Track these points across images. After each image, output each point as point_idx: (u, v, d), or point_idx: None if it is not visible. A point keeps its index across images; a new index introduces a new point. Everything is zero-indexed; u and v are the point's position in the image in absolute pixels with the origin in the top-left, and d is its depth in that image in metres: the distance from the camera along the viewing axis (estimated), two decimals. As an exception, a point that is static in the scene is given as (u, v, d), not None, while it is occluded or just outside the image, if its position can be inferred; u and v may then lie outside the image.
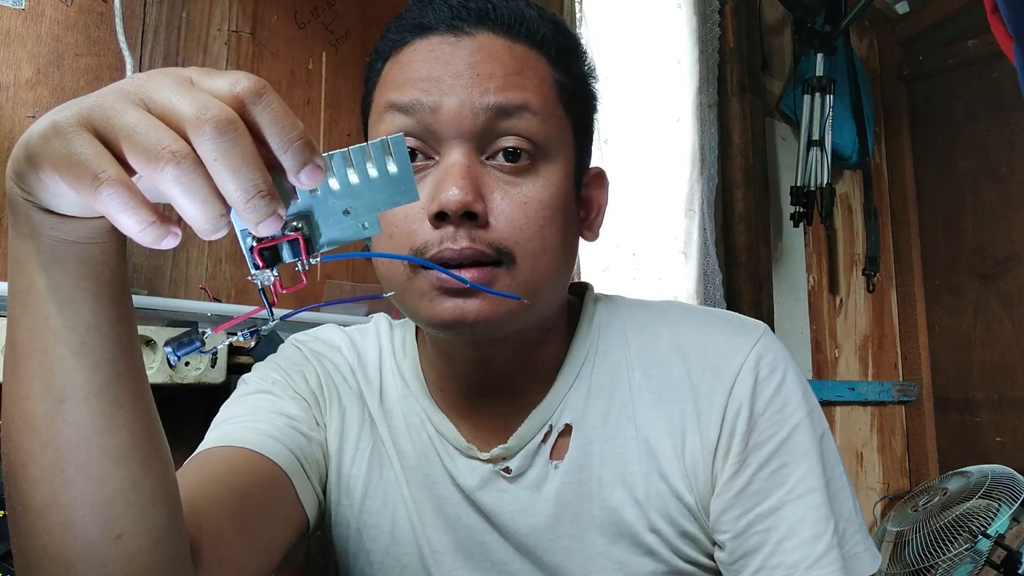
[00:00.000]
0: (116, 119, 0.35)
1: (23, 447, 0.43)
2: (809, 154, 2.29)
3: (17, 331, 0.43)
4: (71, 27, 1.14)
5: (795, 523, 0.62)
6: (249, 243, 0.40)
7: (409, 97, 0.61)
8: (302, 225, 0.40)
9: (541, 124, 0.62)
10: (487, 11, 0.62)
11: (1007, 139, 2.68)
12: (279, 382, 0.72)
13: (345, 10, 1.47)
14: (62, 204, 0.39)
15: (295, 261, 0.40)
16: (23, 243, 0.42)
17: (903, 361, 2.86)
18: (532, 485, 0.68)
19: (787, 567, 0.62)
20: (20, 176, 0.39)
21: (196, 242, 1.24)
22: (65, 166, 0.35)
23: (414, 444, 0.71)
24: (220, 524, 0.55)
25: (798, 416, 0.65)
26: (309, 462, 0.67)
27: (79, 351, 0.42)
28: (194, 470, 0.60)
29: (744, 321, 0.71)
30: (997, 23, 1.24)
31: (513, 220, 0.60)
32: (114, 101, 0.36)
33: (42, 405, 0.42)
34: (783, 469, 0.64)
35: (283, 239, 0.39)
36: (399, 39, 0.65)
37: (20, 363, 0.43)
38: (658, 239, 1.95)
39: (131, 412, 0.44)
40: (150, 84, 0.37)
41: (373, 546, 0.70)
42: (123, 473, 0.44)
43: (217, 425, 0.67)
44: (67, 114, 0.36)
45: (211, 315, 1.18)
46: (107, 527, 0.43)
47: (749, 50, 2.21)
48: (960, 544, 2.03)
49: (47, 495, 0.43)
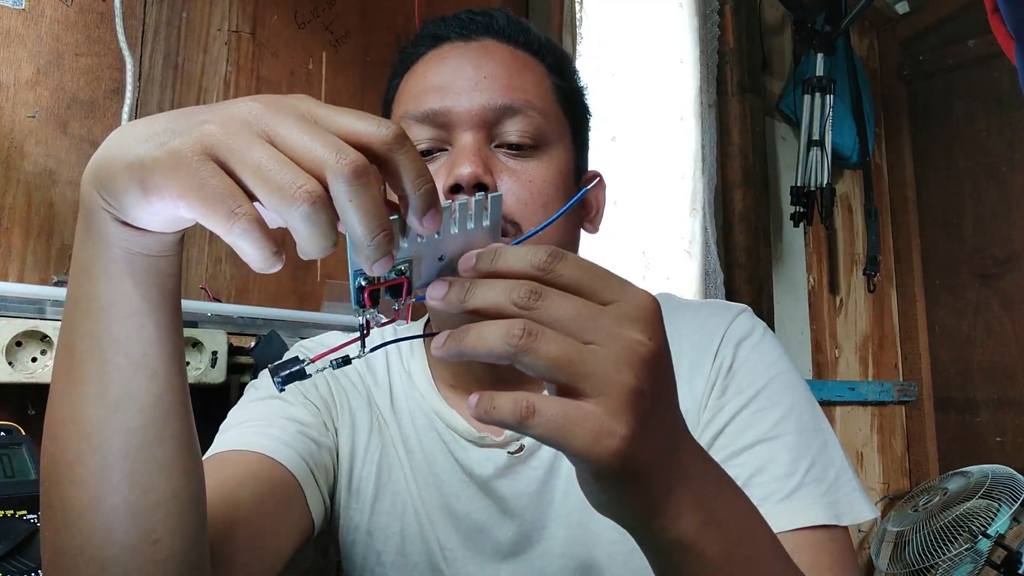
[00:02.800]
0: (244, 154, 0.36)
1: (71, 448, 0.43)
2: (809, 154, 2.29)
3: (76, 336, 0.43)
4: (71, 27, 1.14)
5: (767, 460, 0.64)
6: (359, 283, 0.41)
7: (424, 107, 0.67)
8: (407, 268, 0.42)
9: (542, 120, 0.68)
10: (491, 23, 0.71)
11: (1007, 139, 2.68)
12: (290, 387, 0.72)
13: (345, 10, 1.47)
14: (153, 222, 0.40)
15: (392, 301, 0.43)
16: (92, 251, 0.42)
17: (903, 361, 2.86)
18: (546, 464, 0.70)
19: (756, 499, 0.62)
20: (110, 189, 0.39)
21: (196, 242, 1.24)
22: (198, 197, 0.35)
23: (423, 444, 0.73)
24: (233, 529, 0.55)
25: (775, 370, 0.69)
26: (319, 468, 0.68)
27: (139, 362, 0.43)
28: (208, 473, 0.61)
29: (728, 303, 0.77)
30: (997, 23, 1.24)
31: (519, 196, 0.66)
32: (238, 133, 0.36)
33: (96, 412, 0.43)
34: (759, 413, 0.66)
35: (390, 282, 0.42)
36: (414, 52, 0.73)
37: (76, 368, 0.43)
38: (666, 238, 1.96)
39: (179, 423, 0.45)
40: (274, 118, 0.37)
41: (383, 547, 0.72)
42: (166, 483, 0.45)
43: (228, 428, 0.68)
44: (186, 141, 0.36)
45: (211, 315, 1.18)
46: (146, 533, 0.44)
47: (749, 50, 2.21)
48: (960, 544, 2.03)
49: (91, 498, 0.43)
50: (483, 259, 0.41)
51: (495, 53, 0.70)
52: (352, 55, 1.47)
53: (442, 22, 0.72)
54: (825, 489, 0.63)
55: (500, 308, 0.39)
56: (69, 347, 0.43)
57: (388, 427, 0.74)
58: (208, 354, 1.09)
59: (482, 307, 0.40)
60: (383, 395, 0.76)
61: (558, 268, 0.40)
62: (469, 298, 0.40)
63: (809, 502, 0.61)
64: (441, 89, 0.67)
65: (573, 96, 0.75)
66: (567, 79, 0.75)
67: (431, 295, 0.41)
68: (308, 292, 1.36)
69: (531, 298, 0.39)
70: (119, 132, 0.40)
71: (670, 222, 1.97)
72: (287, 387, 0.72)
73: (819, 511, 0.61)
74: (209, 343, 1.10)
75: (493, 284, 0.40)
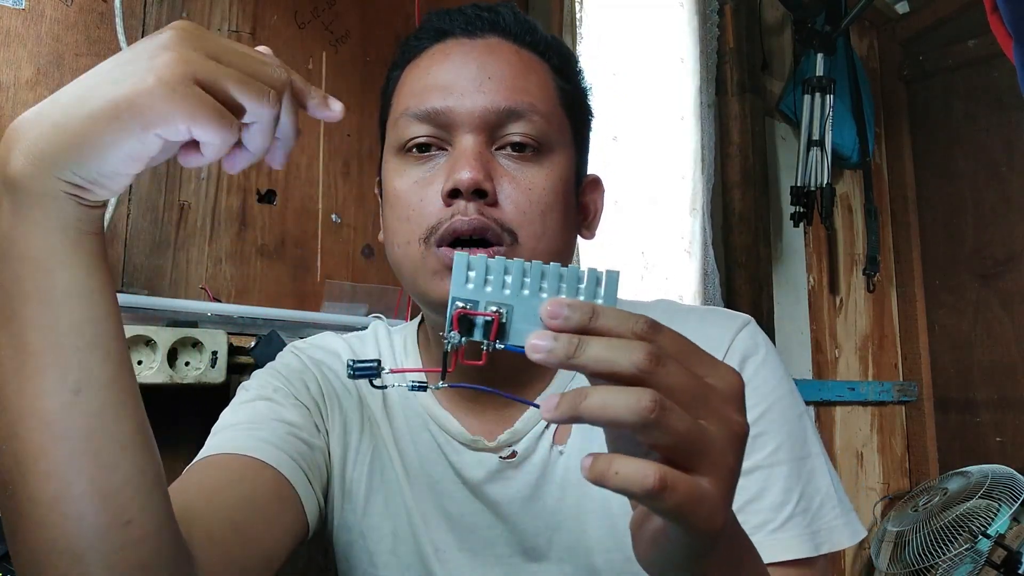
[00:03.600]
0: (220, 73, 0.42)
1: (32, 443, 0.43)
2: (809, 154, 2.29)
3: (28, 331, 0.43)
4: (71, 27, 1.14)
5: (763, 488, 0.65)
6: (454, 308, 0.43)
7: (426, 106, 0.66)
8: (503, 311, 0.43)
9: (545, 124, 0.67)
10: (498, 20, 0.70)
11: (1007, 139, 2.68)
12: (280, 389, 0.72)
13: (345, 10, 1.47)
14: (117, 183, 0.43)
15: (482, 341, 0.43)
16: (46, 240, 0.42)
17: (903, 361, 2.86)
18: (537, 470, 0.70)
19: (751, 526, 0.64)
20: (80, 160, 0.41)
21: (196, 242, 1.24)
22: (205, 114, 0.41)
23: (416, 445, 0.72)
24: (224, 532, 0.55)
25: (778, 393, 0.69)
26: (311, 469, 0.68)
27: (94, 342, 0.44)
28: (197, 477, 0.60)
29: (731, 312, 0.76)
30: (997, 23, 1.23)
31: (518, 203, 0.65)
32: (204, 60, 0.42)
33: (57, 399, 0.43)
34: (759, 438, 0.67)
35: (482, 314, 0.42)
36: (418, 46, 0.71)
37: (29, 361, 0.43)
38: (665, 238, 1.95)
39: (133, 401, 0.46)
40: (209, 45, 0.43)
41: (376, 547, 0.71)
42: (130, 460, 0.45)
43: (218, 431, 0.68)
44: (168, 71, 0.40)
45: (211, 315, 1.18)
46: (117, 514, 0.44)
47: (749, 50, 2.21)
48: (960, 544, 2.03)
49: (59, 488, 0.43)
50: (577, 312, 0.39)
51: (500, 52, 0.68)
52: (352, 55, 1.47)
53: (447, 16, 0.71)
54: (810, 519, 0.65)
55: (616, 369, 0.37)
56: (21, 344, 0.43)
57: (380, 428, 0.74)
58: (208, 354, 1.09)
59: (594, 365, 0.37)
60: (375, 396, 0.75)
61: (659, 339, 0.39)
62: (580, 353, 0.37)
63: (795, 533, 0.64)
64: (444, 88, 0.66)
65: (577, 98, 0.74)
66: (571, 80, 0.74)
67: (534, 343, 0.38)
68: (308, 292, 1.36)
69: (652, 362, 0.37)
70: (46, 104, 0.42)
71: (670, 222, 1.97)
72: (279, 388, 0.73)
73: (802, 544, 0.64)
74: (209, 343, 1.10)
75: (609, 342, 0.38)
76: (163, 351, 1.06)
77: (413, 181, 0.66)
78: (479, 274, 0.42)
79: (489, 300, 0.43)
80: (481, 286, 0.43)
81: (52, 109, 0.41)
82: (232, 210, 1.29)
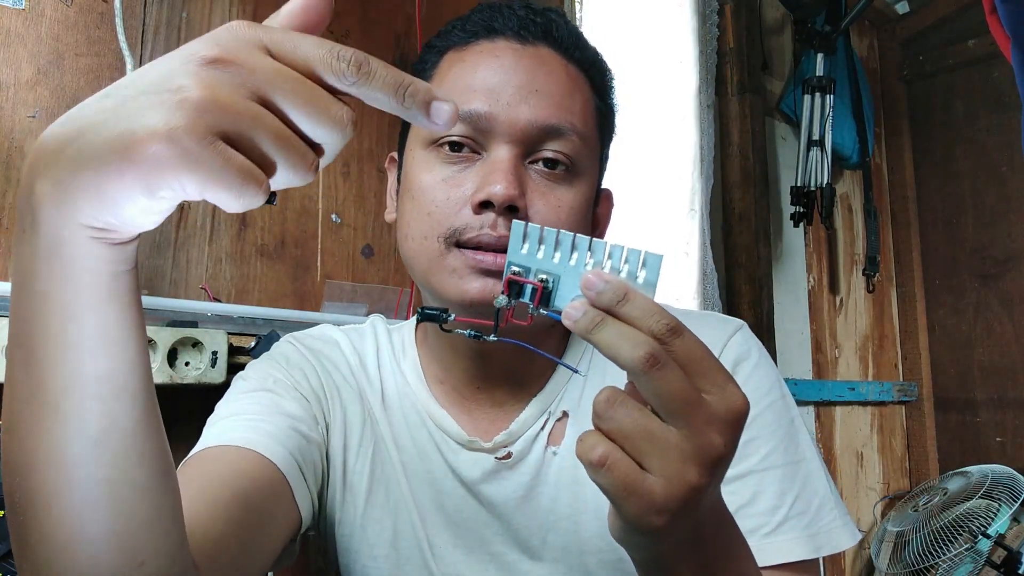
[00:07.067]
0: (254, 130, 0.35)
1: (47, 486, 0.40)
2: (809, 154, 2.29)
3: (49, 378, 0.39)
4: (71, 27, 1.14)
5: (757, 492, 0.66)
6: (508, 271, 0.46)
7: (468, 107, 0.65)
8: (549, 280, 0.46)
9: (581, 144, 0.67)
10: (551, 28, 0.69)
11: (1007, 139, 2.68)
12: (280, 380, 0.72)
13: (345, 10, 1.47)
14: (148, 222, 0.37)
15: (528, 304, 0.47)
16: (73, 284, 0.38)
17: (903, 361, 2.86)
18: (532, 471, 0.70)
19: (745, 531, 0.64)
20: (105, 203, 0.35)
21: (196, 242, 1.24)
22: (222, 182, 0.34)
23: (415, 441, 0.73)
24: (219, 528, 0.54)
25: (770, 398, 0.69)
26: (307, 465, 0.67)
27: (120, 391, 0.40)
28: (195, 470, 0.60)
29: (724, 317, 0.77)
30: (995, 24, 1.23)
31: (547, 221, 0.65)
32: (235, 104, 0.34)
33: (75, 448, 0.39)
34: (752, 442, 0.67)
35: (530, 281, 0.46)
36: (465, 37, 0.70)
37: (47, 411, 0.39)
38: (665, 238, 1.95)
39: (156, 442, 0.43)
40: (254, 76, 0.34)
41: (376, 540, 0.72)
42: (148, 503, 0.43)
43: (217, 421, 0.67)
44: (184, 120, 0.33)
45: (211, 315, 1.18)
46: (131, 558, 0.42)
47: (749, 50, 2.21)
48: (960, 544, 2.03)
49: (72, 532, 0.41)
50: (610, 291, 0.43)
51: (550, 65, 0.67)
52: (352, 55, 1.47)
53: (499, 13, 0.69)
54: (808, 521, 0.66)
55: (618, 357, 0.41)
56: (41, 391, 0.39)
57: (379, 423, 0.74)
58: (208, 354, 1.10)
59: (603, 347, 0.42)
60: (374, 392, 0.75)
61: (675, 343, 0.42)
62: (595, 331, 0.42)
63: (792, 536, 0.64)
64: (489, 92, 0.65)
65: (608, 118, 0.74)
66: (606, 99, 0.74)
67: (567, 311, 0.43)
68: (308, 292, 1.36)
69: (649, 363, 0.40)
70: (71, 129, 0.35)
71: (669, 222, 1.97)
72: (279, 379, 0.73)
73: (801, 546, 0.64)
74: (209, 343, 1.10)
75: (621, 331, 0.42)
76: (163, 351, 1.06)
77: (441, 179, 0.66)
78: (532, 243, 0.46)
79: (539, 268, 0.46)
80: (534, 254, 0.46)
81: (73, 135, 0.35)
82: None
